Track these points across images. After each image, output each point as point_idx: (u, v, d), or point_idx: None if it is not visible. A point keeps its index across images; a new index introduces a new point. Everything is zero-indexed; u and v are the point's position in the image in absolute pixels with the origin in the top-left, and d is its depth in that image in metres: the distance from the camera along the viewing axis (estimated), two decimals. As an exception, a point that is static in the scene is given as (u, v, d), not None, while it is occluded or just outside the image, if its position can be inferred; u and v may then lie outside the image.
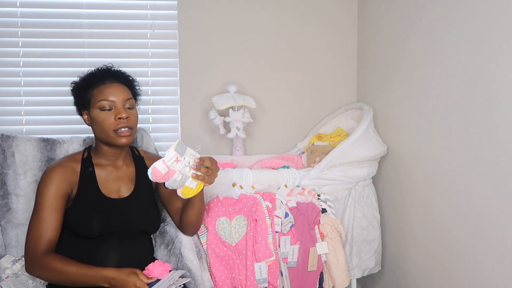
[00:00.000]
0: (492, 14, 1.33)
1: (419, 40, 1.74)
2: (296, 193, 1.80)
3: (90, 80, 1.45)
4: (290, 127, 2.36)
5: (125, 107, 1.42)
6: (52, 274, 1.28)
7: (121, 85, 1.45)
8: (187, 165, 1.31)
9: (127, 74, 1.52)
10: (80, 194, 1.41)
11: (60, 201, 1.38)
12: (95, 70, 1.48)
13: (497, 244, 1.35)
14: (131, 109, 1.44)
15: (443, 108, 1.59)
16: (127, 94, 1.44)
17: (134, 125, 1.44)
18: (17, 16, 2.09)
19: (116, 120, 1.39)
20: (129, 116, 1.41)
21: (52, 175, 1.39)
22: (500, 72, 1.30)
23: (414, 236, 1.83)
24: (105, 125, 1.40)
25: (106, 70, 1.49)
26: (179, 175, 1.30)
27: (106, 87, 1.42)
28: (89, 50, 2.16)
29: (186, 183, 1.34)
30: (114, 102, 1.40)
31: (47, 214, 1.35)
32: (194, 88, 2.26)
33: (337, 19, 2.33)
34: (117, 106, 1.41)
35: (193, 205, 1.47)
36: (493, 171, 1.35)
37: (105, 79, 1.44)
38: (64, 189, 1.39)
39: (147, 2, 2.18)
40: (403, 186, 1.91)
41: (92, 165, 1.47)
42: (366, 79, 2.27)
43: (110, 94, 1.41)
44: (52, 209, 1.35)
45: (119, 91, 1.42)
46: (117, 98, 1.41)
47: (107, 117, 1.40)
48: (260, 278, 1.66)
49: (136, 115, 1.47)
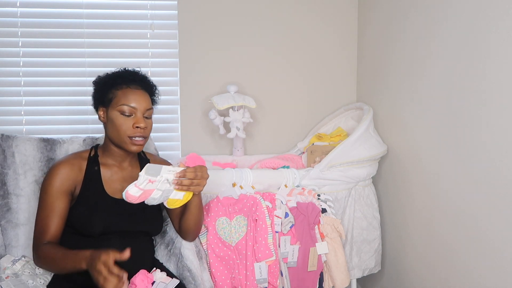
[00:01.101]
0: (492, 14, 1.33)
1: (418, 40, 1.74)
2: (296, 193, 1.80)
3: (116, 79, 1.44)
4: (290, 127, 2.36)
5: (144, 116, 1.43)
6: (47, 262, 1.32)
7: (145, 93, 1.45)
8: (166, 182, 1.30)
9: (151, 82, 1.52)
10: (84, 192, 1.42)
11: (63, 198, 1.39)
12: (122, 70, 1.48)
13: (494, 244, 1.35)
14: (148, 118, 1.45)
15: (443, 108, 1.59)
16: (149, 104, 1.45)
17: (148, 135, 1.45)
18: (17, 16, 2.09)
19: (134, 128, 1.40)
20: (146, 126, 1.42)
21: (57, 172, 1.40)
22: (500, 73, 1.30)
23: (414, 236, 1.83)
24: (122, 130, 1.40)
25: (133, 73, 1.48)
26: (158, 192, 1.29)
27: (130, 92, 1.42)
28: (89, 50, 2.16)
29: (170, 196, 1.33)
30: (135, 109, 1.40)
31: (49, 210, 1.37)
32: (194, 88, 2.26)
33: (337, 19, 2.33)
34: (137, 114, 1.41)
35: (190, 211, 1.46)
36: (493, 171, 1.35)
37: (131, 83, 1.44)
38: (67, 187, 1.40)
39: (147, 2, 2.18)
40: (402, 186, 1.91)
41: (98, 164, 1.47)
42: (366, 79, 2.27)
43: (133, 101, 1.40)
44: (54, 205, 1.37)
45: (142, 99, 1.42)
46: (139, 106, 1.41)
47: (125, 122, 1.40)
48: (260, 278, 1.66)
49: (151, 125, 1.47)
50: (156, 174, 1.28)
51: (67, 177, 1.41)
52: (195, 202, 1.44)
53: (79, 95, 2.16)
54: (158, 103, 1.58)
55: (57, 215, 1.37)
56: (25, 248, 1.61)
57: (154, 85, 1.54)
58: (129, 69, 1.50)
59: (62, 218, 1.39)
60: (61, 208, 1.38)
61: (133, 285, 1.34)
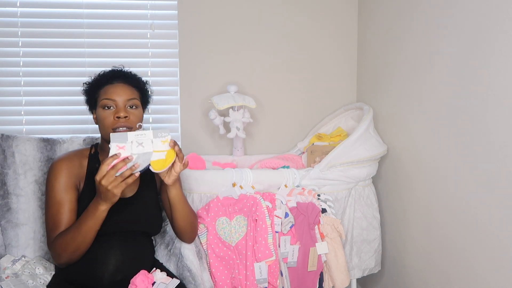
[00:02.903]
0: (492, 14, 1.33)
1: (419, 40, 1.74)
2: (296, 193, 1.80)
3: (100, 80, 1.46)
4: (290, 127, 2.36)
5: (126, 107, 1.42)
6: (68, 246, 1.29)
7: (126, 85, 1.45)
8: (138, 145, 1.28)
9: (135, 75, 1.52)
10: (86, 189, 1.41)
11: (71, 191, 1.38)
12: (105, 71, 1.49)
13: (496, 243, 1.35)
14: (133, 108, 1.43)
15: (443, 108, 1.59)
16: (131, 94, 1.43)
17: (134, 125, 1.42)
18: (17, 16, 2.09)
19: (115, 119, 1.39)
20: (128, 115, 1.40)
21: (60, 167, 1.39)
22: (500, 73, 1.30)
23: (414, 236, 1.83)
24: (105, 123, 1.40)
25: (114, 71, 1.49)
26: (134, 156, 1.27)
27: (110, 87, 1.43)
28: (89, 50, 2.16)
29: (151, 159, 1.30)
30: (115, 101, 1.40)
31: (59, 205, 1.35)
32: (194, 88, 2.26)
33: (337, 19, 2.33)
34: (118, 105, 1.40)
35: (176, 208, 1.44)
36: (493, 171, 1.35)
37: (113, 80, 1.45)
38: (73, 181, 1.39)
39: (147, 2, 2.18)
40: (403, 186, 1.91)
41: (98, 162, 1.47)
42: (366, 79, 2.27)
43: (113, 93, 1.41)
44: (64, 200, 1.36)
45: (122, 91, 1.42)
46: (119, 98, 1.41)
47: (107, 115, 1.40)
48: (260, 278, 1.66)
49: (139, 115, 1.45)
50: (124, 140, 1.27)
51: (71, 172, 1.40)
52: (176, 195, 1.42)
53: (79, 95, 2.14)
54: (150, 96, 1.56)
55: (67, 209, 1.36)
56: (25, 248, 1.61)
57: (140, 77, 1.53)
58: (113, 68, 1.51)
59: (73, 211, 1.37)
60: (70, 201, 1.37)
61: (133, 286, 1.34)
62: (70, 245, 1.29)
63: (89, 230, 1.28)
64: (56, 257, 1.33)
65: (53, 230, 1.34)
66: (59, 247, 1.31)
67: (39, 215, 1.63)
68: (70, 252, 1.30)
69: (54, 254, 1.33)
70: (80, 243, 1.29)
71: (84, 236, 1.28)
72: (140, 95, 1.48)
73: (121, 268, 1.38)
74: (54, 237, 1.33)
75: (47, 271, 1.53)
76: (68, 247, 1.29)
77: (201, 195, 1.80)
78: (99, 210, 1.26)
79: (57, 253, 1.32)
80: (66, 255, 1.31)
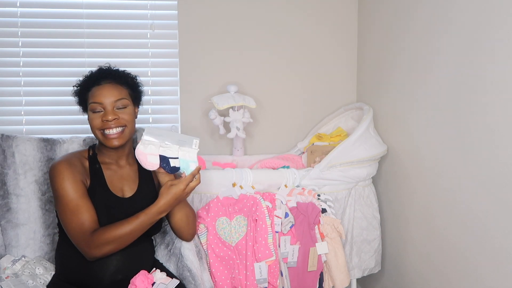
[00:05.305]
0: (491, 14, 1.33)
1: (419, 40, 1.74)
2: (296, 193, 1.80)
3: (88, 82, 1.44)
4: (290, 127, 2.36)
5: (115, 108, 1.40)
6: (113, 244, 1.31)
7: (113, 85, 1.42)
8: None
9: (123, 72, 1.49)
10: (91, 190, 1.40)
11: (82, 185, 1.36)
12: (91, 72, 1.47)
13: (496, 243, 1.35)
14: (122, 108, 1.41)
15: (443, 108, 1.59)
16: (118, 95, 1.41)
17: (126, 124, 1.41)
18: (17, 16, 2.09)
19: (103, 122, 1.38)
20: (117, 117, 1.38)
21: (64, 167, 1.36)
22: (500, 73, 1.30)
23: (414, 236, 1.83)
24: (93, 126, 1.39)
25: (101, 71, 1.47)
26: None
27: (97, 89, 1.40)
28: (89, 50, 2.16)
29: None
30: (103, 104, 1.38)
31: (77, 200, 1.33)
32: (194, 88, 2.26)
33: (337, 19, 2.33)
34: (106, 108, 1.38)
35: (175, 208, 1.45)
36: (492, 171, 1.35)
37: (100, 81, 1.42)
38: (80, 178, 1.37)
39: (147, 2, 2.18)
40: (403, 186, 1.91)
41: (98, 162, 1.46)
42: (366, 79, 2.27)
43: (99, 96, 1.39)
44: (79, 194, 1.34)
45: (109, 92, 1.39)
46: (106, 100, 1.38)
47: (96, 118, 1.39)
48: (260, 278, 1.66)
49: (130, 114, 1.43)
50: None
51: (76, 170, 1.38)
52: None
53: (79, 95, 2.16)
54: (141, 91, 1.54)
55: (86, 202, 1.34)
56: (25, 248, 1.61)
57: (129, 73, 1.50)
58: (99, 67, 1.49)
59: (91, 205, 1.35)
60: (85, 192, 1.36)
61: (133, 286, 1.34)
62: (122, 238, 1.32)
63: (142, 229, 1.36)
64: (90, 255, 1.32)
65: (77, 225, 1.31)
66: (103, 242, 1.30)
67: (39, 215, 1.63)
68: (110, 250, 1.33)
69: (93, 245, 1.30)
70: (128, 239, 1.34)
71: (133, 233, 1.34)
72: (129, 92, 1.46)
73: (121, 268, 1.38)
74: (89, 235, 1.30)
75: (47, 271, 1.53)
76: (117, 240, 1.32)
77: (201, 195, 1.80)
78: (162, 213, 1.38)
79: (99, 248, 1.31)
80: (105, 252, 1.32)
